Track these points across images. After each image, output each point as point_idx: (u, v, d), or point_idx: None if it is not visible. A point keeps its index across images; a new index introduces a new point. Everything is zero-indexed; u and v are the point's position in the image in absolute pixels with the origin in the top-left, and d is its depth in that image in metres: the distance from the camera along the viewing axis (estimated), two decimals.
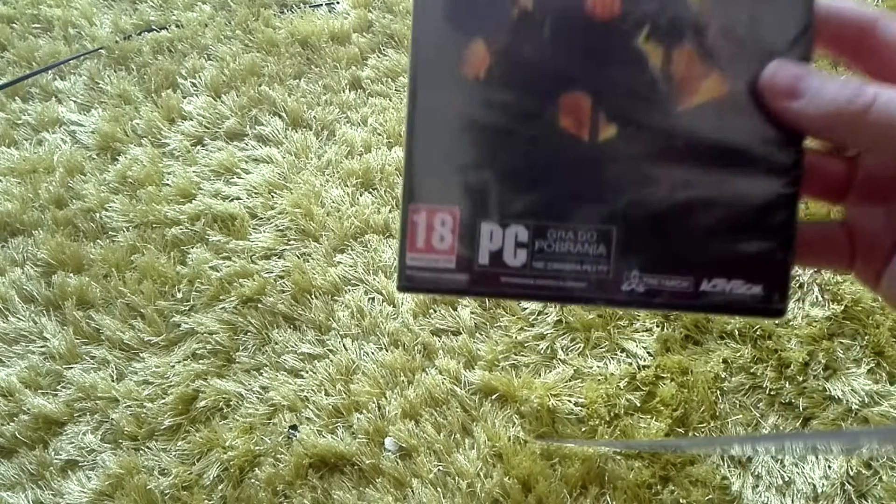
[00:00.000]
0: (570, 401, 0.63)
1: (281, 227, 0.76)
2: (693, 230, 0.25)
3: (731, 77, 0.25)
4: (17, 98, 0.88)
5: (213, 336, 0.70)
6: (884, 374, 0.62)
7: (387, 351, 0.68)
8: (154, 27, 0.93)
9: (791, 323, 0.65)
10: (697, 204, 0.25)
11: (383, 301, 0.71)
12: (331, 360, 0.68)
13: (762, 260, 0.25)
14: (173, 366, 0.69)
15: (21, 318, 0.73)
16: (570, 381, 0.65)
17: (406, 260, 0.26)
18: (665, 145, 0.25)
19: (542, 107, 0.25)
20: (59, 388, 0.69)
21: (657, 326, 0.66)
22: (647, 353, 0.65)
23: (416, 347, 0.68)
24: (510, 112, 0.25)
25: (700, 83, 0.25)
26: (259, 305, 0.71)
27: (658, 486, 0.60)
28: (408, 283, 0.26)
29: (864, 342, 0.64)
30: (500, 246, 0.25)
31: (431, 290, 0.26)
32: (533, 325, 0.68)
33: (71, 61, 0.91)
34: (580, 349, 0.66)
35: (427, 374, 0.66)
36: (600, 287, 0.25)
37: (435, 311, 0.69)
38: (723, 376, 0.64)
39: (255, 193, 0.78)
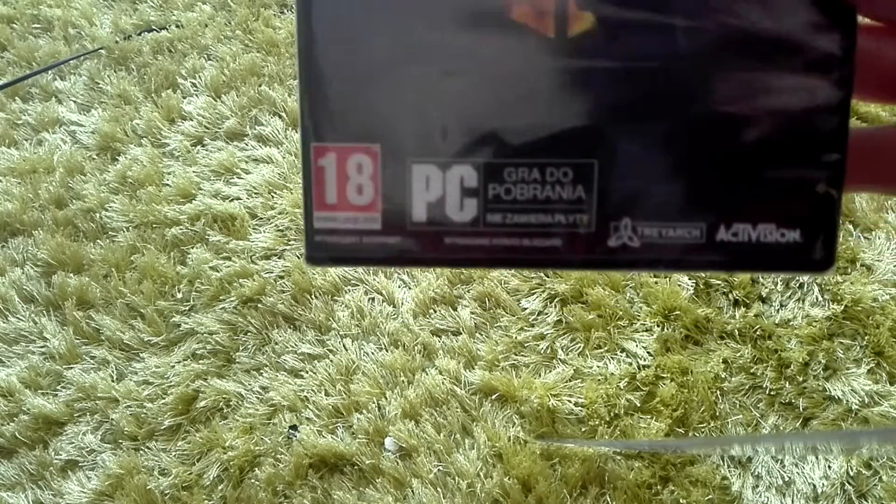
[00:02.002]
0: (570, 401, 0.63)
1: (281, 228, 0.76)
2: (703, 158, 0.18)
3: None
4: (17, 98, 0.88)
5: (213, 336, 0.70)
6: (884, 375, 0.62)
7: (387, 351, 0.68)
8: (154, 27, 0.93)
9: (791, 323, 0.65)
10: (710, 120, 0.18)
11: (383, 301, 0.71)
12: (331, 361, 0.68)
13: (801, 194, 0.18)
14: (173, 366, 0.69)
15: (21, 318, 0.73)
16: (570, 381, 0.65)
17: (313, 221, 0.19)
18: (661, 38, 0.17)
19: None
20: (59, 388, 0.69)
21: (657, 326, 0.66)
22: (648, 353, 0.65)
23: (416, 347, 0.68)
24: (444, 2, 0.18)
25: None
26: (259, 305, 0.71)
27: (658, 487, 0.60)
28: (318, 252, 0.19)
29: (864, 342, 0.64)
30: (440, 195, 0.18)
31: (352, 260, 0.19)
32: (533, 326, 0.68)
33: (71, 61, 0.91)
34: (580, 349, 0.66)
35: (427, 375, 0.66)
36: (579, 244, 0.18)
37: (435, 312, 0.69)
38: (723, 376, 0.64)
39: (256, 193, 0.78)
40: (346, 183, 0.18)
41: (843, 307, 0.65)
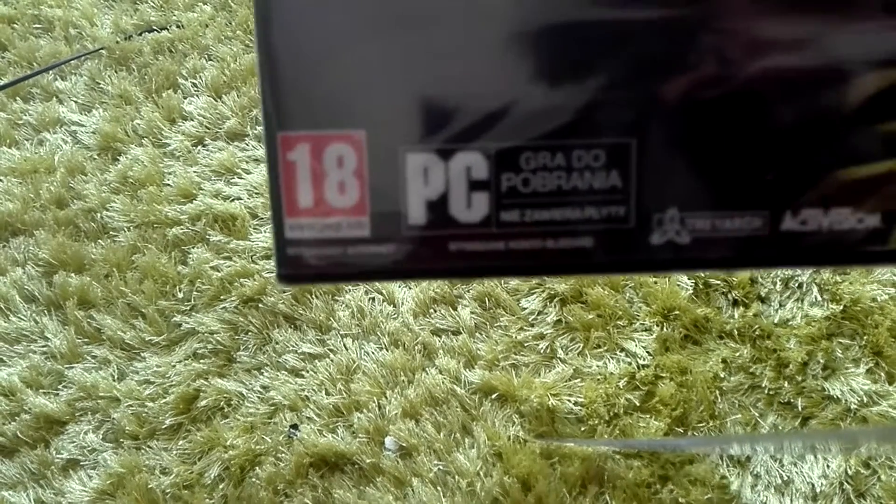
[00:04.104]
0: (569, 400, 0.64)
1: None
2: (767, 129, 0.14)
3: None
4: (18, 98, 0.88)
5: (214, 336, 0.70)
6: (882, 374, 0.63)
7: (387, 350, 0.68)
8: (155, 28, 0.93)
9: (790, 323, 0.66)
10: (777, 81, 0.14)
11: (384, 301, 0.71)
12: (331, 360, 0.68)
13: (883, 172, 0.15)
14: (174, 365, 0.69)
15: (22, 317, 0.73)
16: (570, 380, 0.65)
17: (285, 231, 0.15)
18: None
19: None
20: (60, 387, 0.69)
21: (657, 326, 0.66)
22: (647, 352, 0.65)
23: (416, 347, 0.68)
24: None
25: None
26: (260, 305, 0.71)
27: (657, 486, 0.60)
28: (292, 269, 0.15)
29: (863, 342, 0.64)
30: (442, 190, 0.15)
31: (335, 276, 0.16)
32: (533, 325, 0.68)
33: (72, 61, 0.91)
34: (580, 349, 0.66)
35: (427, 374, 0.66)
36: (615, 243, 0.15)
37: (435, 311, 0.69)
38: (722, 376, 0.64)
39: (256, 193, 0.78)
40: (324, 180, 0.14)
41: (841, 307, 0.65)
